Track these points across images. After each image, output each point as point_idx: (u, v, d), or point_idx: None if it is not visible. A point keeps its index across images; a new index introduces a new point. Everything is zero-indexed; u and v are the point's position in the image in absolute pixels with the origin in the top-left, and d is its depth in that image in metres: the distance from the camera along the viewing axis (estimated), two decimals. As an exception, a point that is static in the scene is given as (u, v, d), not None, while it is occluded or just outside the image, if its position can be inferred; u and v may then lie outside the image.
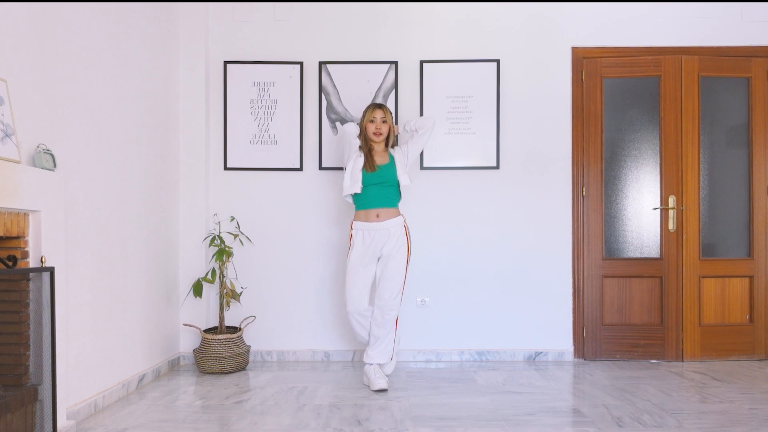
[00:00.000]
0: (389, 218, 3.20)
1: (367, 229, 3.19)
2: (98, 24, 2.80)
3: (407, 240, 3.24)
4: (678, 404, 2.84)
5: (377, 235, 3.18)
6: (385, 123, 3.24)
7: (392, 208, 3.23)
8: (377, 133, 3.23)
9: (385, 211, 3.20)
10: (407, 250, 3.23)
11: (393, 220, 3.20)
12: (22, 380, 2.16)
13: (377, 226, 3.18)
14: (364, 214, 3.21)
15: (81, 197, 2.64)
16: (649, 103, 3.89)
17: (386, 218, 3.19)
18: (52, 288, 2.20)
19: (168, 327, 3.60)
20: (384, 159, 3.26)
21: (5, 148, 2.04)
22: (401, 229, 3.22)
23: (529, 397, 2.97)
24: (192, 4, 3.79)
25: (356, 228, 3.23)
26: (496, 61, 3.86)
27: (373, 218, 3.18)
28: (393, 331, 3.23)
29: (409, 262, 3.27)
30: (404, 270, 3.21)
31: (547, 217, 3.89)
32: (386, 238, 3.18)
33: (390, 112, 3.31)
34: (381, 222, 3.18)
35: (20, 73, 2.21)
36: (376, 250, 3.20)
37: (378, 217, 3.18)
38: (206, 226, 3.81)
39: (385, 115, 3.26)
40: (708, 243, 3.89)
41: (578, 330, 3.88)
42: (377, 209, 3.19)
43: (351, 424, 2.55)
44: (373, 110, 3.25)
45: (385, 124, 3.24)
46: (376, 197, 3.19)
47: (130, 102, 3.13)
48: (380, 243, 3.19)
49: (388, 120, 3.26)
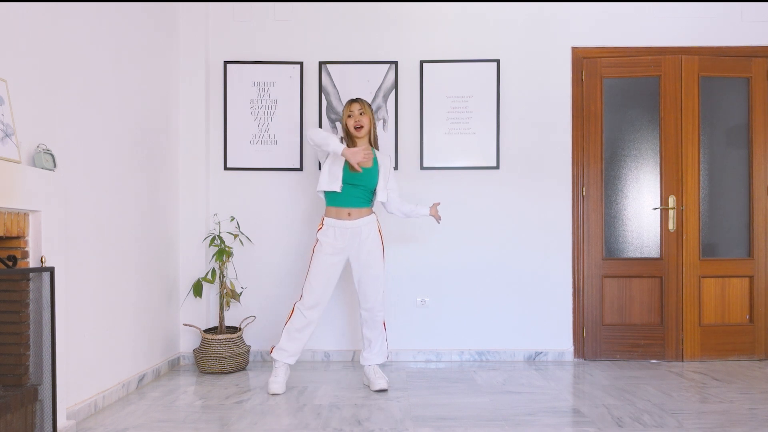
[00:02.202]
0: (361, 217, 3.12)
1: (339, 227, 3.10)
2: (98, 24, 2.80)
3: (381, 240, 3.16)
4: (678, 404, 2.84)
5: (349, 234, 3.10)
6: (363, 114, 3.14)
7: (365, 207, 3.14)
8: (357, 126, 3.13)
9: (357, 211, 3.12)
10: (382, 251, 3.16)
11: (365, 218, 3.12)
12: (22, 380, 2.16)
13: (349, 224, 3.09)
14: (335, 212, 3.12)
15: (81, 197, 2.63)
16: (649, 103, 3.89)
17: (358, 217, 3.11)
18: (52, 288, 2.19)
19: (168, 327, 3.60)
20: (367, 161, 3.11)
21: (5, 148, 2.04)
22: (374, 230, 3.14)
23: (529, 397, 2.97)
24: (192, 4, 3.79)
25: (327, 224, 3.12)
26: (496, 61, 3.86)
27: (345, 216, 3.10)
28: (383, 330, 3.21)
29: (385, 264, 3.21)
30: (383, 272, 3.16)
31: (547, 216, 3.89)
32: (357, 237, 3.10)
33: (369, 106, 3.18)
34: (353, 221, 3.10)
35: (20, 73, 2.21)
36: (346, 249, 3.12)
37: (350, 216, 3.10)
38: (206, 226, 3.81)
39: (363, 107, 3.15)
40: (708, 243, 3.89)
41: (578, 330, 3.88)
42: (349, 208, 3.11)
43: (351, 424, 2.55)
44: (349, 105, 3.16)
45: (364, 116, 3.14)
46: (350, 197, 3.11)
47: (130, 102, 3.13)
48: (351, 242, 3.11)
49: (366, 112, 3.15)
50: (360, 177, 3.09)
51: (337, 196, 3.11)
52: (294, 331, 3.11)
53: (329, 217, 3.13)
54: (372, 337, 3.18)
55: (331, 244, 3.10)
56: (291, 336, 3.12)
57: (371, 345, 3.19)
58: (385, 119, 3.88)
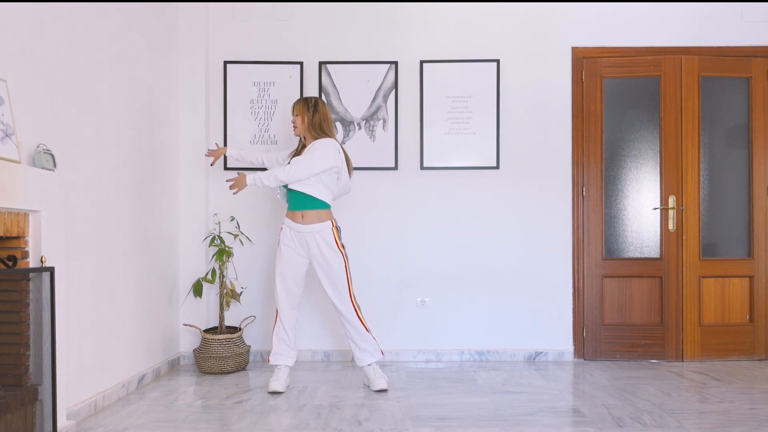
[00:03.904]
0: (314, 222, 3.06)
1: (294, 229, 3.10)
2: (98, 24, 2.80)
3: (337, 244, 3.09)
4: (678, 404, 2.84)
5: (303, 237, 3.08)
6: (297, 116, 3.15)
7: (317, 210, 3.07)
8: (293, 128, 3.18)
9: (310, 213, 3.07)
10: (341, 254, 3.09)
11: (318, 224, 3.06)
12: (22, 380, 2.16)
13: (302, 228, 3.07)
14: (291, 214, 3.12)
15: (81, 197, 2.63)
16: (649, 103, 3.89)
17: (310, 222, 3.06)
18: (52, 288, 2.19)
19: (168, 327, 3.60)
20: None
21: (5, 148, 2.04)
22: (328, 235, 3.07)
23: (529, 397, 2.97)
24: (192, 4, 3.79)
25: (286, 225, 3.14)
26: (496, 61, 3.86)
27: (299, 219, 3.09)
28: (365, 328, 3.16)
29: (348, 266, 3.13)
30: (346, 276, 3.11)
31: (547, 216, 3.89)
32: (313, 242, 3.06)
33: (301, 103, 3.14)
34: (305, 225, 3.07)
35: (20, 73, 2.21)
36: (304, 251, 3.11)
37: (303, 219, 3.08)
38: (206, 226, 3.81)
39: (295, 108, 3.15)
40: (708, 243, 3.89)
41: (578, 330, 3.88)
42: (301, 211, 3.08)
43: (351, 424, 2.55)
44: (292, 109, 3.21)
45: (297, 118, 3.14)
46: (298, 200, 3.08)
47: (130, 102, 3.13)
48: (308, 246, 3.09)
49: (299, 112, 3.14)
50: None
51: (291, 200, 3.12)
52: (282, 334, 3.16)
53: (287, 218, 3.16)
54: (354, 337, 3.16)
55: (289, 245, 3.12)
56: (280, 338, 3.17)
57: (357, 346, 3.17)
58: (385, 119, 3.88)
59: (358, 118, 3.88)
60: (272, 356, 3.16)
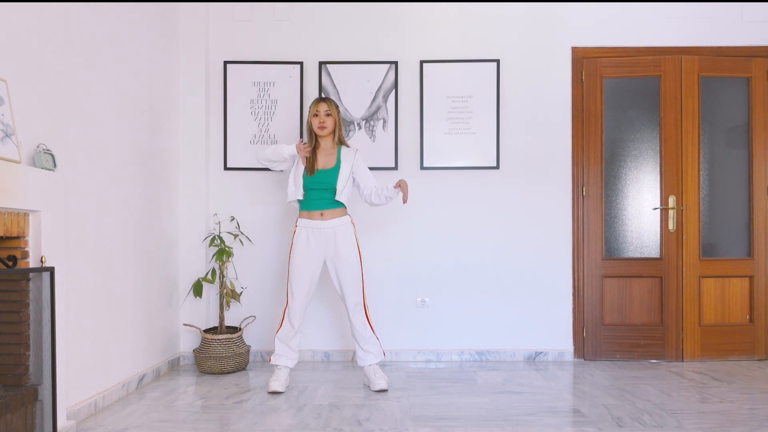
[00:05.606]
0: (334, 217, 3.09)
1: (312, 227, 3.09)
2: (98, 24, 2.80)
3: (356, 241, 3.13)
4: (678, 404, 2.84)
5: (323, 234, 3.08)
6: (329, 116, 3.12)
7: (337, 208, 3.10)
8: (321, 127, 3.11)
9: (330, 211, 3.09)
10: (358, 252, 3.13)
11: (339, 219, 3.10)
12: (22, 380, 2.16)
13: (322, 224, 3.07)
14: (307, 214, 3.11)
15: (81, 197, 2.63)
16: (649, 103, 3.89)
17: (331, 217, 3.09)
18: (52, 288, 2.19)
19: (168, 327, 3.60)
20: (329, 161, 3.13)
21: (5, 148, 2.04)
22: (349, 231, 3.10)
23: (529, 397, 2.97)
24: (192, 4, 3.79)
25: (300, 225, 3.11)
26: (496, 61, 3.86)
27: (317, 217, 3.08)
28: (371, 330, 3.17)
29: (362, 264, 3.16)
30: (361, 275, 3.13)
31: (547, 216, 3.89)
32: (332, 238, 3.08)
33: (336, 107, 3.16)
34: (326, 221, 3.08)
35: (20, 73, 2.21)
36: (322, 250, 3.10)
37: (322, 216, 3.08)
38: (206, 226, 3.81)
39: (330, 108, 3.13)
40: (708, 243, 3.89)
41: (578, 330, 3.88)
42: (320, 210, 3.09)
43: (351, 424, 2.55)
44: (317, 104, 3.14)
45: (330, 117, 3.12)
46: (319, 201, 3.09)
47: (130, 102, 3.13)
48: (326, 243, 3.09)
49: (333, 113, 3.13)
50: (320, 180, 3.08)
51: (307, 201, 3.11)
52: (285, 339, 3.16)
53: (302, 218, 3.13)
54: (359, 337, 3.16)
55: (305, 247, 3.09)
56: (283, 342, 3.16)
57: (361, 345, 3.17)
58: (385, 119, 3.88)
59: (358, 118, 3.88)
60: (274, 357, 3.17)
